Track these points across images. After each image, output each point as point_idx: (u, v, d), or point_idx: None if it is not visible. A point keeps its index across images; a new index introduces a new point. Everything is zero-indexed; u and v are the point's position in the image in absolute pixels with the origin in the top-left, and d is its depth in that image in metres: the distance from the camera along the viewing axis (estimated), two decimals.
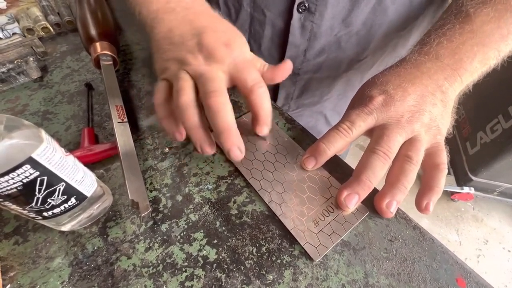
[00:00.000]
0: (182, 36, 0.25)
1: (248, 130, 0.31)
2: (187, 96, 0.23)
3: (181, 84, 0.24)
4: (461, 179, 1.30)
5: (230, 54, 0.25)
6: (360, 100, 0.28)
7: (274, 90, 0.46)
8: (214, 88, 0.23)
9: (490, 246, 1.27)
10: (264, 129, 0.26)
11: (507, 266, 1.20)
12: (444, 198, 1.40)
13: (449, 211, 1.38)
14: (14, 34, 0.42)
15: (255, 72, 0.25)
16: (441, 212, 1.37)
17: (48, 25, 0.44)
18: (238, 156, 0.23)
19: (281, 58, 0.40)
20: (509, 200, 1.32)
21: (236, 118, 0.33)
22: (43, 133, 0.19)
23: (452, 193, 1.34)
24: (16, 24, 0.44)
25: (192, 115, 0.23)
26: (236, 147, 0.23)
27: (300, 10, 0.34)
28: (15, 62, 0.37)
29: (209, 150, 0.25)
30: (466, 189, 1.28)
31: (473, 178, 1.24)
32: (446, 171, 0.25)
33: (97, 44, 0.35)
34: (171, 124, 0.26)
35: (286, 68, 0.27)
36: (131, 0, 0.28)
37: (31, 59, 0.37)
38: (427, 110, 0.26)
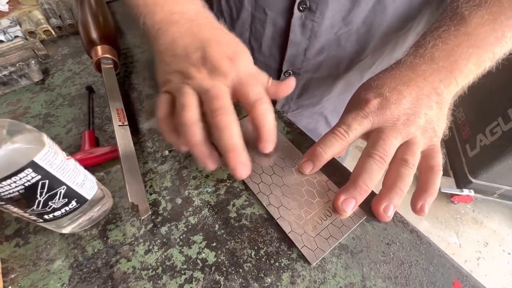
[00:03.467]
0: (185, 48, 0.25)
1: (248, 133, 0.31)
2: (191, 112, 0.23)
3: (185, 99, 0.23)
4: (461, 181, 1.30)
5: (234, 68, 0.24)
6: (356, 103, 0.28)
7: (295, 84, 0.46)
8: (220, 106, 0.22)
9: (490, 249, 1.26)
10: (268, 146, 0.25)
11: (507, 268, 1.20)
12: (444, 200, 1.40)
13: (449, 213, 1.38)
14: (16, 37, 0.43)
15: (259, 87, 0.25)
16: (441, 214, 1.37)
17: (50, 28, 0.44)
18: (244, 175, 0.23)
19: (281, 57, 0.40)
20: (509, 202, 1.32)
21: (239, 119, 0.33)
22: (45, 137, 0.19)
23: (452, 195, 1.34)
24: (18, 27, 0.44)
25: (195, 132, 0.23)
26: (242, 166, 0.22)
27: (301, 8, 0.34)
28: (17, 65, 0.37)
29: (212, 166, 0.24)
30: (466, 191, 1.28)
31: (473, 180, 1.24)
32: (441, 173, 0.25)
33: (98, 48, 0.36)
34: (176, 138, 0.25)
35: (290, 85, 0.26)
36: (136, 10, 0.28)
37: (33, 62, 0.38)
38: (423, 113, 0.26)
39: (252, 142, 0.29)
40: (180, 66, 0.25)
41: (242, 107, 0.35)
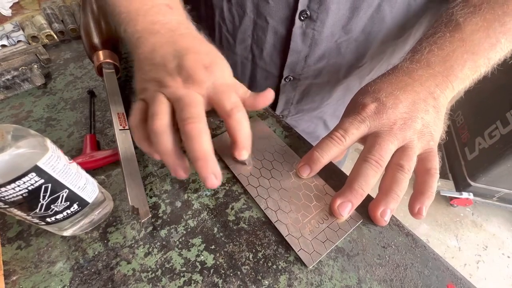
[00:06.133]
0: (163, 58, 0.24)
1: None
2: (161, 121, 0.22)
3: (156, 107, 0.23)
4: (460, 185, 1.30)
5: (209, 77, 0.24)
6: (354, 108, 0.28)
7: (274, 96, 0.47)
8: (191, 114, 0.22)
9: (489, 252, 1.26)
10: (242, 153, 0.25)
11: (507, 272, 1.20)
12: (443, 203, 1.41)
13: (448, 216, 1.38)
14: (19, 41, 0.43)
15: (234, 96, 0.24)
16: (440, 217, 1.38)
17: (52, 33, 0.45)
18: (214, 184, 0.22)
19: (282, 63, 0.41)
20: (508, 205, 1.32)
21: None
22: (48, 142, 0.20)
23: (451, 198, 1.34)
24: (21, 31, 0.45)
25: (165, 141, 0.22)
26: (212, 175, 0.22)
27: (302, 18, 0.35)
28: (20, 69, 0.38)
29: (183, 175, 0.24)
30: (465, 195, 1.29)
31: (472, 183, 1.24)
32: (438, 176, 0.26)
33: (100, 53, 0.36)
34: (147, 146, 0.25)
35: (268, 96, 0.26)
36: (118, 18, 0.28)
37: (35, 66, 0.38)
38: (419, 117, 0.26)
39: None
40: (156, 75, 0.25)
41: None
